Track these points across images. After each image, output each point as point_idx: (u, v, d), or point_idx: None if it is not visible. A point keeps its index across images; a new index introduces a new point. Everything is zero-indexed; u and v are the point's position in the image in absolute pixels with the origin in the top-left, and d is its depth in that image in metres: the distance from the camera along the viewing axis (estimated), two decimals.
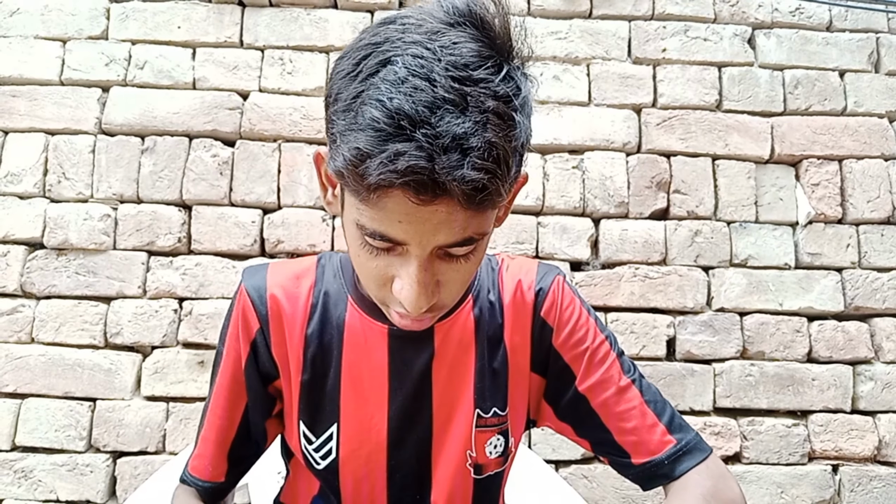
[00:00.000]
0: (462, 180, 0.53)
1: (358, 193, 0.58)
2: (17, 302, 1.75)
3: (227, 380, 0.85)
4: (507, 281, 0.88)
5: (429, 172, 0.53)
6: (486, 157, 0.54)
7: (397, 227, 0.59)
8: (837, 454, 1.78)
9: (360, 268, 0.67)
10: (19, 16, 1.86)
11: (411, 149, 0.52)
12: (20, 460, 1.69)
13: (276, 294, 0.84)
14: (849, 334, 1.83)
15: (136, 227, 1.78)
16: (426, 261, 0.62)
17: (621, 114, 1.90)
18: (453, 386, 0.84)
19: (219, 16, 1.88)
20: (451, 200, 0.56)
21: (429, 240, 0.59)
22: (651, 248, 1.84)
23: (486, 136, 0.54)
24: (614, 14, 1.95)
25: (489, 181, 0.55)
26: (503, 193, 0.59)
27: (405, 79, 0.54)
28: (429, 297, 0.63)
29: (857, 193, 1.88)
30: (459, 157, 0.53)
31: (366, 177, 0.54)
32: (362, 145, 0.54)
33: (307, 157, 1.83)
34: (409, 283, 0.62)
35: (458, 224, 0.59)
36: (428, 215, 0.57)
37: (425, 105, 0.53)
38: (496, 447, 0.85)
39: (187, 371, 1.73)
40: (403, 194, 0.55)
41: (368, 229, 0.61)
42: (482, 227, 0.62)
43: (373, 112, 0.53)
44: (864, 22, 1.97)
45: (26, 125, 1.82)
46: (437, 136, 0.52)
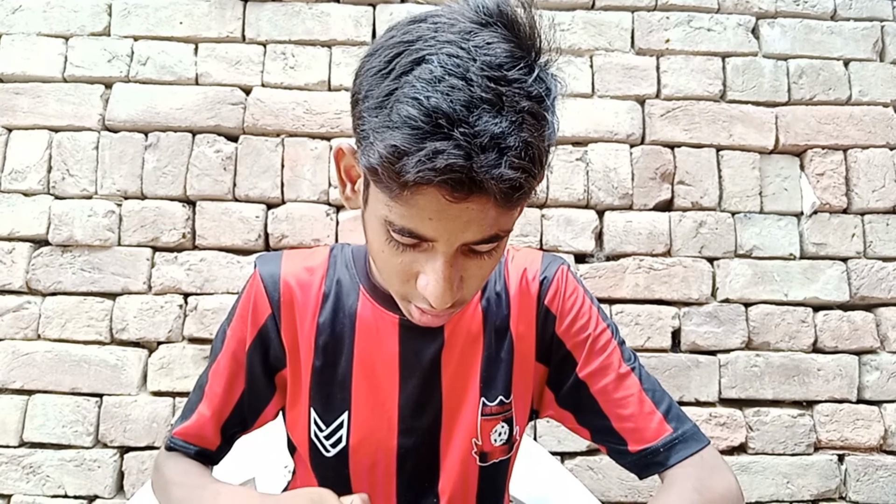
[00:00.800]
0: (500, 179, 0.54)
1: (390, 190, 0.58)
2: (22, 299, 1.76)
3: (227, 360, 0.87)
4: (513, 271, 0.90)
5: (467, 171, 0.54)
6: (523, 157, 0.55)
7: (427, 224, 0.60)
8: (843, 444, 1.78)
9: (383, 263, 0.68)
10: (21, 13, 1.86)
11: (450, 147, 0.53)
12: (28, 456, 1.70)
13: (290, 281, 0.86)
14: (854, 324, 1.82)
15: (141, 222, 1.78)
16: (452, 257, 0.63)
17: (625, 105, 1.90)
18: (461, 375, 0.86)
19: (220, 11, 1.88)
20: (483, 198, 0.57)
21: (457, 237, 0.61)
22: (655, 240, 1.84)
23: (523, 136, 0.55)
24: (617, 5, 1.94)
25: (525, 180, 0.56)
26: (534, 191, 0.62)
27: (441, 77, 0.54)
28: (453, 293, 0.64)
29: (862, 183, 1.87)
30: (497, 156, 0.54)
31: (402, 174, 0.55)
32: (399, 143, 0.54)
33: (311, 151, 1.83)
34: (434, 280, 0.63)
35: (487, 222, 0.60)
36: (459, 213, 0.58)
37: (462, 104, 0.53)
38: (501, 435, 0.87)
39: (193, 366, 1.74)
40: (438, 192, 0.56)
41: (397, 226, 0.61)
42: (508, 224, 0.64)
43: (409, 110, 0.54)
44: (869, 10, 1.96)
45: (30, 122, 1.82)
46: (475, 135, 0.53)
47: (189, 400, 0.91)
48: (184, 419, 0.90)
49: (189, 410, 0.90)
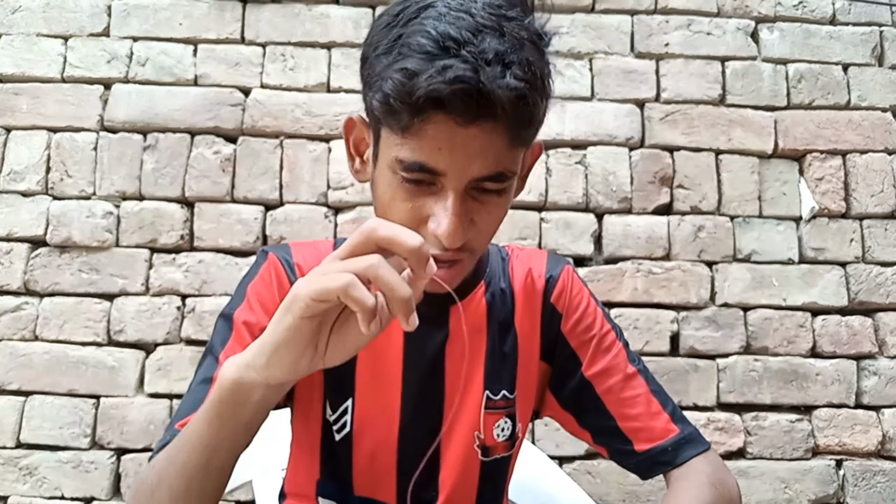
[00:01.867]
0: (506, 87, 0.59)
1: (401, 123, 0.63)
2: (20, 300, 1.75)
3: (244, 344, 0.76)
4: (518, 269, 0.91)
5: (475, 82, 0.58)
6: (526, 71, 0.61)
7: (437, 155, 0.63)
8: (841, 449, 1.78)
9: (393, 216, 0.69)
10: (21, 13, 1.86)
11: (458, 62, 0.59)
12: (24, 457, 1.70)
13: (304, 267, 0.85)
14: (853, 329, 1.82)
15: (139, 224, 1.78)
16: (462, 194, 0.65)
17: (624, 108, 1.90)
18: (465, 368, 0.86)
19: (220, 12, 1.88)
20: (490, 124, 0.62)
21: (465, 170, 0.64)
22: (654, 244, 1.84)
23: (524, 55, 0.62)
24: (617, 8, 1.94)
25: (529, 92, 0.61)
26: (538, 117, 0.67)
27: (447, 13, 0.61)
28: (464, 231, 0.66)
29: (861, 188, 1.87)
30: (502, 69, 0.60)
31: (414, 93, 0.59)
32: (411, 65, 0.60)
33: (310, 153, 1.83)
34: (445, 215, 0.65)
35: (494, 155, 0.64)
36: (467, 141, 0.62)
37: (468, 30, 0.60)
38: (503, 430, 0.87)
39: (191, 368, 1.73)
40: (446, 118, 0.61)
41: (407, 162, 0.65)
42: (513, 164, 0.68)
43: (419, 39, 0.61)
44: (868, 15, 1.96)
45: (29, 123, 1.82)
46: (481, 53, 0.59)
47: (191, 394, 0.77)
48: (191, 410, 0.74)
49: (196, 402, 0.74)
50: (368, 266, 0.50)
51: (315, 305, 0.51)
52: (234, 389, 0.57)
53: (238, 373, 0.56)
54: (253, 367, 0.55)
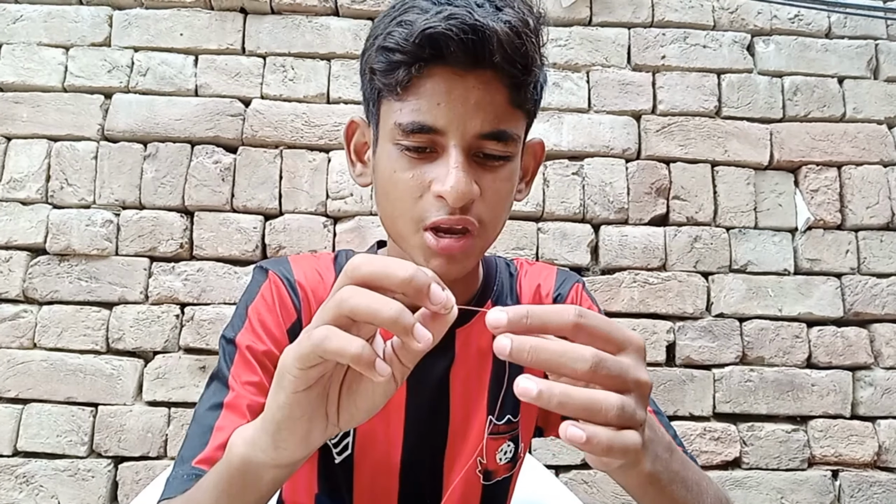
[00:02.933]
0: (500, 21, 0.61)
1: (399, 79, 0.63)
2: (19, 307, 1.76)
3: (251, 370, 0.75)
4: (526, 287, 0.89)
5: (469, 17, 0.60)
6: (518, 11, 0.63)
7: (436, 110, 0.64)
8: (837, 460, 1.79)
9: (395, 188, 0.68)
10: (22, 23, 1.88)
11: (452, 7, 0.61)
12: (22, 465, 1.70)
13: (305, 287, 0.82)
14: (848, 340, 1.83)
15: (139, 232, 1.79)
16: (465, 151, 0.65)
17: (621, 120, 1.91)
18: (470, 392, 0.84)
19: (221, 23, 1.89)
20: (488, 74, 0.63)
21: (466, 124, 0.64)
22: (651, 254, 1.85)
23: (514, 3, 0.64)
24: (614, 21, 1.96)
25: (523, 29, 0.62)
26: (534, 68, 0.66)
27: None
28: (469, 186, 0.64)
29: (857, 199, 1.89)
30: (494, 9, 0.62)
31: (411, 37, 0.61)
32: (409, 18, 0.62)
33: (309, 163, 1.84)
34: (447, 171, 0.64)
35: (493, 110, 0.65)
36: (467, 93, 0.63)
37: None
38: (506, 453, 0.86)
39: (189, 376, 1.74)
40: (444, 69, 0.63)
41: (406, 124, 0.65)
42: (514, 125, 0.68)
43: (417, 2, 0.64)
44: (863, 29, 1.98)
45: (29, 131, 1.83)
46: (474, 0, 0.62)
47: (199, 421, 0.73)
48: (200, 440, 0.71)
49: (205, 430, 0.71)
50: (338, 304, 0.44)
51: (305, 374, 0.46)
52: (243, 469, 0.53)
53: (246, 451, 0.52)
54: (260, 448, 0.51)
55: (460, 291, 0.82)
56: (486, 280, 0.86)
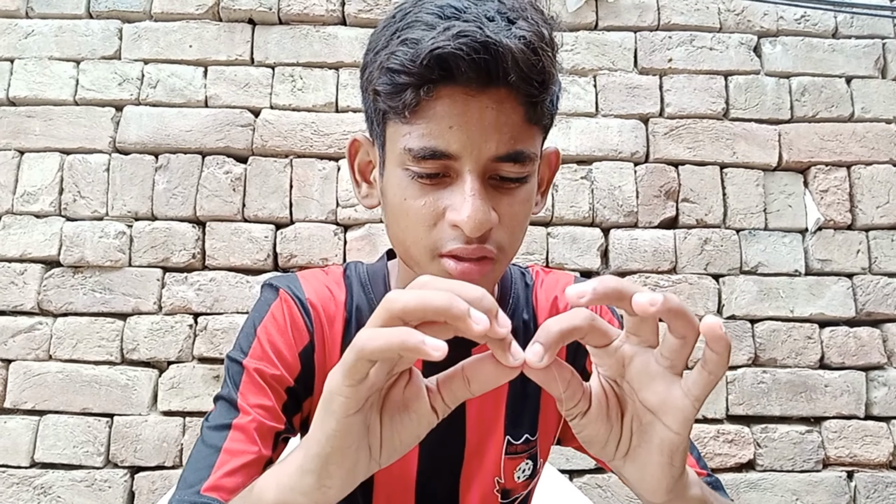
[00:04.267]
0: (513, 37, 0.56)
1: (406, 102, 0.59)
2: (34, 320, 1.78)
3: (261, 394, 0.73)
4: (542, 298, 0.86)
5: (480, 36, 0.55)
6: (531, 24, 0.58)
7: (448, 134, 0.59)
8: (852, 461, 1.78)
9: (407, 217, 0.64)
10: (34, 37, 1.90)
11: (460, 23, 0.56)
12: (39, 477, 1.71)
13: (317, 305, 0.78)
14: (861, 340, 1.83)
15: (151, 243, 1.80)
16: (480, 178, 0.61)
17: (629, 124, 1.92)
18: (486, 411, 0.81)
19: (230, 34, 1.91)
20: (502, 92, 0.59)
21: (481, 148, 0.59)
22: (661, 257, 1.85)
23: (527, 14, 0.59)
24: (620, 25, 1.96)
25: (537, 43, 0.58)
26: (550, 82, 0.61)
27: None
28: (486, 214, 0.60)
29: (867, 199, 1.88)
30: (507, 23, 0.57)
31: (418, 58, 0.56)
32: (414, 35, 0.58)
33: (319, 171, 1.85)
34: (463, 200, 0.60)
35: (509, 130, 0.60)
36: (480, 114, 0.59)
37: (471, 0, 0.59)
38: (524, 471, 0.83)
39: (203, 386, 1.75)
40: (454, 89, 0.58)
41: (417, 150, 0.60)
42: (531, 144, 0.63)
43: (420, 16, 0.59)
44: (870, 28, 1.98)
45: (42, 145, 1.85)
46: (483, 13, 0.57)
47: (205, 442, 0.70)
48: (206, 462, 0.68)
49: (211, 451, 0.69)
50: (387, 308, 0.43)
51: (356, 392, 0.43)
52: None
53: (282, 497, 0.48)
54: (301, 491, 0.47)
55: None
56: (502, 293, 0.83)
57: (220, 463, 0.66)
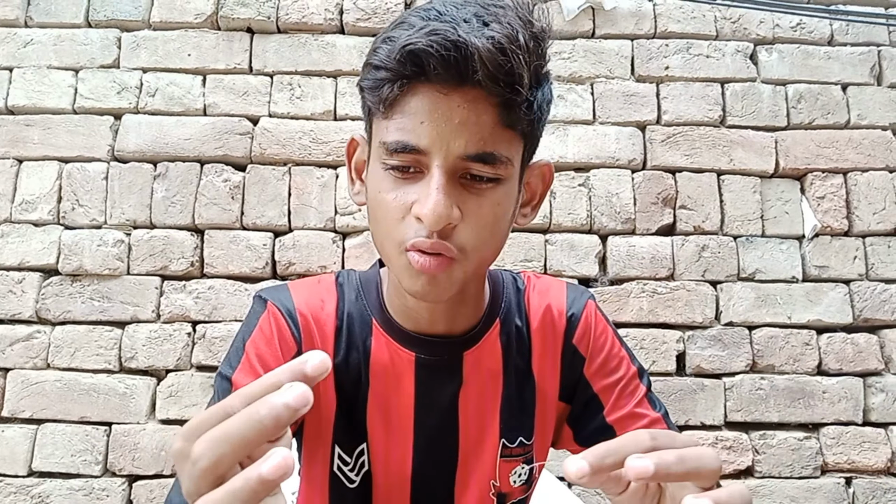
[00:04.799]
0: (483, 38, 0.58)
1: (384, 96, 0.62)
2: (32, 328, 1.77)
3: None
4: (535, 303, 0.86)
5: (452, 34, 0.58)
6: (505, 27, 0.59)
7: (420, 129, 0.62)
8: (850, 467, 1.78)
9: (380, 209, 0.67)
10: (33, 46, 1.90)
11: (437, 23, 0.59)
12: (37, 486, 1.71)
13: (306, 315, 0.79)
14: (858, 346, 1.83)
15: (150, 252, 1.80)
16: (448, 173, 0.62)
17: (626, 131, 1.92)
18: (480, 416, 0.82)
19: (228, 43, 1.91)
20: (474, 92, 0.61)
21: (450, 145, 0.61)
22: (658, 264, 1.85)
23: (506, 19, 0.60)
24: (617, 33, 1.97)
25: (509, 47, 0.59)
26: (524, 86, 0.61)
27: (435, 1, 0.64)
28: (448, 209, 0.61)
29: (863, 206, 1.89)
30: (480, 25, 0.59)
31: (393, 54, 0.60)
32: (394, 34, 0.61)
33: (317, 179, 1.85)
34: (428, 194, 0.61)
35: (479, 131, 0.62)
36: (451, 112, 0.61)
37: (453, 4, 0.62)
38: (520, 476, 0.84)
39: (202, 394, 1.75)
40: (428, 88, 0.61)
41: (390, 143, 0.63)
42: (504, 147, 0.64)
43: (409, 18, 0.62)
44: (866, 35, 1.99)
45: (40, 153, 1.85)
46: (461, 16, 0.60)
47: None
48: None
49: None
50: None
51: None
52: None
53: None
54: None
55: (466, 313, 0.80)
56: (493, 298, 0.84)
57: None
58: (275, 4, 1.92)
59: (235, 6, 1.91)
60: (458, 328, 0.80)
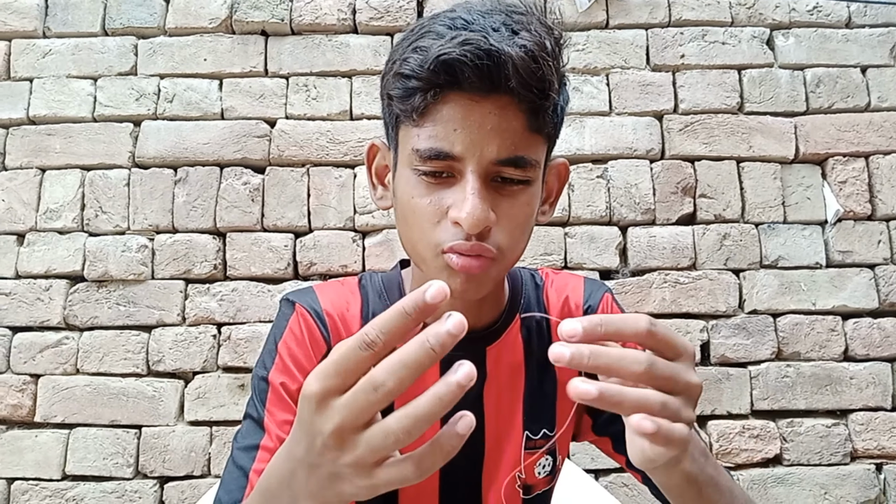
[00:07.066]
0: (516, 46, 0.60)
1: (415, 105, 0.63)
2: (61, 334, 1.80)
3: (287, 410, 0.76)
4: (553, 297, 0.89)
5: (485, 44, 0.60)
6: (535, 36, 0.62)
7: (453, 136, 0.63)
8: (880, 452, 1.77)
9: (413, 214, 0.68)
10: (52, 56, 1.93)
11: (468, 33, 0.61)
12: (71, 489, 1.73)
13: (333, 315, 0.82)
14: (885, 331, 1.81)
15: (173, 256, 1.82)
16: (482, 179, 0.64)
17: (643, 121, 1.91)
18: (504, 409, 0.84)
19: (243, 46, 1.93)
20: (505, 99, 0.63)
21: (483, 151, 0.63)
22: (680, 254, 1.85)
23: (532, 27, 0.62)
24: (631, 23, 1.96)
25: (539, 54, 0.61)
26: (552, 92, 0.64)
27: (458, 10, 0.65)
28: (485, 213, 0.63)
29: (886, 189, 1.87)
30: (510, 34, 0.61)
31: (426, 63, 0.61)
32: (424, 44, 0.63)
33: (335, 179, 1.86)
34: (464, 198, 0.63)
35: (511, 135, 0.64)
36: (483, 118, 0.63)
37: (478, 12, 0.63)
38: (545, 467, 0.86)
39: (228, 395, 1.77)
40: (460, 95, 0.62)
41: (423, 150, 0.64)
42: (533, 151, 0.67)
43: (433, 27, 0.64)
44: (884, 16, 1.97)
45: (62, 162, 1.88)
46: (490, 25, 0.62)
47: (234, 464, 0.75)
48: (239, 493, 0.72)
49: (241, 473, 0.73)
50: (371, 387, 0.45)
51: None
52: None
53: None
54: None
55: (488, 309, 0.83)
56: (513, 294, 0.86)
57: (251, 486, 0.70)
58: (288, 6, 1.93)
59: (249, 9, 1.92)
60: (480, 324, 0.82)
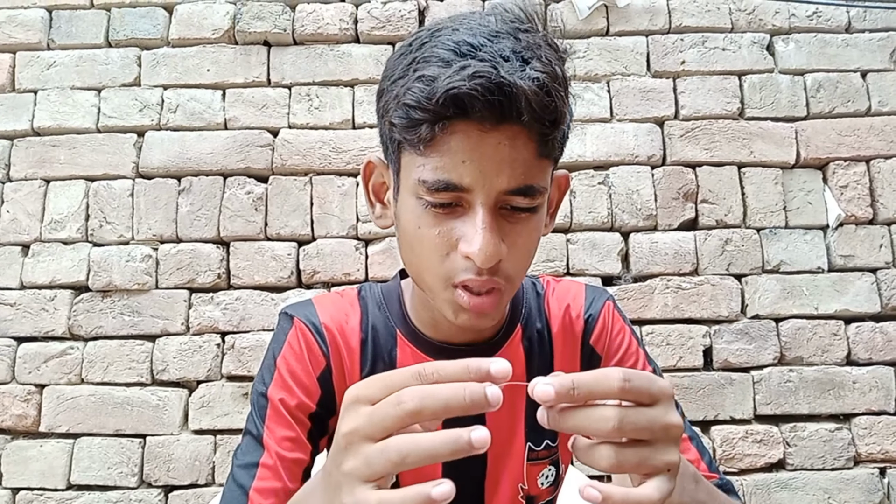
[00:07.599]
0: (527, 78, 0.58)
1: (422, 135, 0.61)
2: (65, 344, 1.81)
3: (285, 425, 0.77)
4: (554, 306, 0.88)
5: (495, 76, 0.57)
6: (545, 64, 0.59)
7: (462, 168, 0.61)
8: (884, 457, 1.77)
9: (421, 245, 0.66)
10: (56, 68, 1.94)
11: (476, 62, 0.58)
12: (76, 499, 1.74)
13: (332, 329, 0.81)
14: (887, 335, 1.81)
15: (177, 265, 1.83)
16: (491, 210, 0.62)
17: (644, 127, 1.92)
18: (506, 421, 0.83)
19: (246, 57, 1.94)
20: (515, 129, 0.60)
21: (492, 182, 0.61)
22: (682, 259, 1.85)
23: (541, 53, 0.60)
24: (631, 30, 1.97)
25: (550, 84, 0.59)
26: (562, 119, 0.63)
27: (460, 29, 0.62)
28: (498, 248, 0.62)
29: (887, 193, 1.87)
30: (521, 63, 0.59)
31: (434, 96, 0.58)
32: (430, 72, 0.59)
33: (338, 188, 1.87)
34: (475, 232, 0.61)
35: (521, 165, 0.62)
36: (492, 150, 0.60)
37: (485, 36, 0.60)
38: (547, 478, 0.85)
39: (232, 403, 1.77)
40: (468, 125, 0.59)
41: (431, 182, 0.62)
42: (542, 178, 0.65)
43: (436, 51, 0.60)
44: (884, 21, 1.97)
45: (67, 173, 1.89)
46: (499, 52, 0.58)
47: (234, 481, 0.75)
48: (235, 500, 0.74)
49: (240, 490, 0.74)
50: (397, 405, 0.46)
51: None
52: None
53: None
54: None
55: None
56: (514, 304, 0.85)
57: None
58: (290, 17, 1.94)
59: (252, 20, 1.93)
60: (481, 337, 0.82)
